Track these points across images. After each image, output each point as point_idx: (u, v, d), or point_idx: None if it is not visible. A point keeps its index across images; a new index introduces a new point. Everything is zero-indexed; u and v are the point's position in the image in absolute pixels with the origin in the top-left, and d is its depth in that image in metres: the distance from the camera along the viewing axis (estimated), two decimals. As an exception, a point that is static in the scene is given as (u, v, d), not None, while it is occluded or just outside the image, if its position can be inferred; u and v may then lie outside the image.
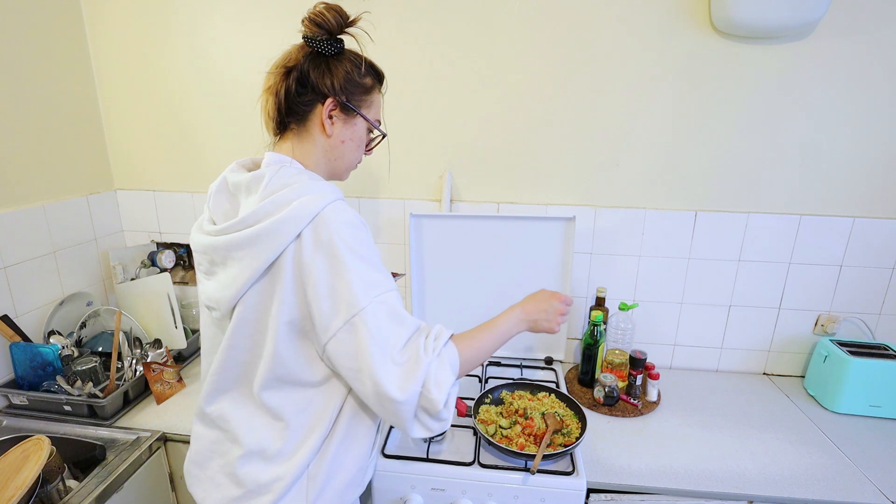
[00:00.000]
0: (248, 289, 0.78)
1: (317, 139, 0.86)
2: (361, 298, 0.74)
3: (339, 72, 0.84)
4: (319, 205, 0.75)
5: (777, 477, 1.09)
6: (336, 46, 0.85)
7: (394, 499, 1.09)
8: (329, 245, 0.74)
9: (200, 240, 0.83)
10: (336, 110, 0.85)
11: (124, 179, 1.64)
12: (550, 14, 1.33)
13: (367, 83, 0.88)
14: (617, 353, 1.38)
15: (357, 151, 0.92)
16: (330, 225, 0.75)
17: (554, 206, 1.48)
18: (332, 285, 0.74)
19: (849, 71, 1.29)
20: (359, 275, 0.75)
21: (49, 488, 1.00)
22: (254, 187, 0.79)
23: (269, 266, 0.76)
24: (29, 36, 1.34)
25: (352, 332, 0.74)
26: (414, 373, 0.75)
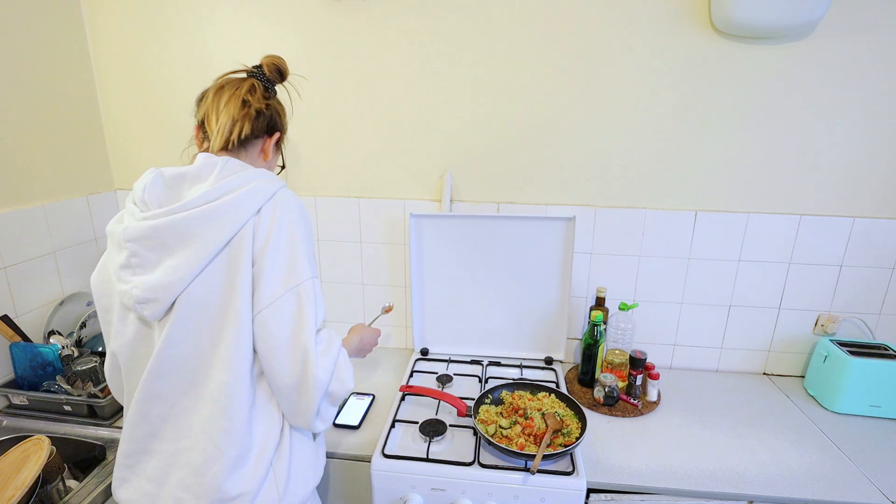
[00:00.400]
0: (203, 269, 0.79)
1: (253, 160, 0.95)
2: (307, 271, 0.82)
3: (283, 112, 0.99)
4: (275, 186, 0.85)
5: (777, 477, 1.09)
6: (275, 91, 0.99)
7: (394, 499, 1.09)
8: (288, 221, 0.83)
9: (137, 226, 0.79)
10: (278, 142, 0.99)
11: (124, 179, 1.64)
12: (551, 14, 1.33)
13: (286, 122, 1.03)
14: (617, 353, 1.38)
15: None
16: (286, 204, 0.84)
17: (554, 206, 1.48)
18: (286, 255, 0.82)
19: (849, 71, 1.29)
20: (306, 252, 0.84)
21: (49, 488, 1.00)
22: (204, 175, 0.83)
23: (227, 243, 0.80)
24: (29, 36, 1.34)
25: (294, 300, 0.80)
26: (329, 351, 0.84)
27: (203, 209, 0.79)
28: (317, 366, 0.80)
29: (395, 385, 1.41)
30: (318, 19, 1.40)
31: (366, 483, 1.10)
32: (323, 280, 1.63)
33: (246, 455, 0.83)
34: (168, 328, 0.80)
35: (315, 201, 1.56)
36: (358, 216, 1.55)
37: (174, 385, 0.83)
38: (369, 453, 1.12)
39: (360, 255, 1.59)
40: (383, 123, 1.47)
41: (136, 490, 0.87)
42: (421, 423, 1.19)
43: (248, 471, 0.83)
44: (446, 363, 1.52)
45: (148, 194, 0.83)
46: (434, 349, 1.59)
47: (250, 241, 0.80)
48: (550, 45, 1.35)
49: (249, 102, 0.91)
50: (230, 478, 0.81)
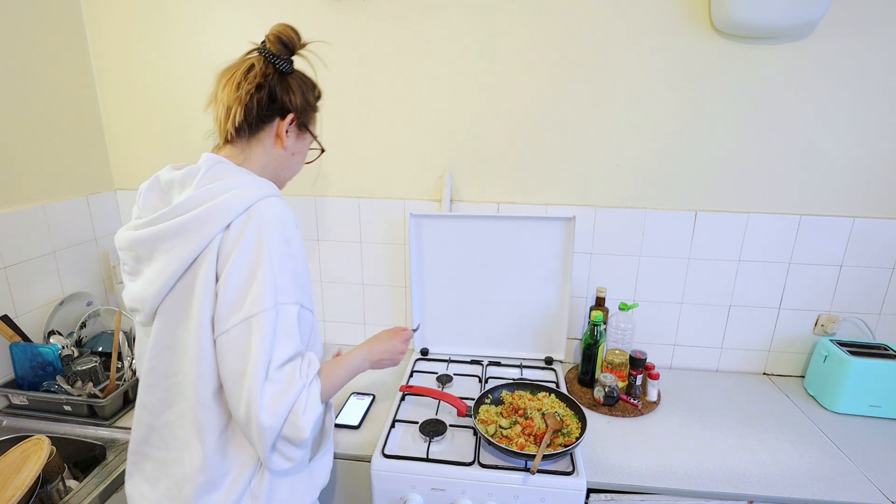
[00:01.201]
0: (175, 283, 0.76)
1: (268, 149, 0.88)
2: (267, 299, 0.72)
3: (299, 89, 0.88)
4: (254, 197, 0.76)
5: (777, 477, 1.09)
6: (291, 65, 0.89)
7: (394, 499, 1.09)
8: (255, 238, 0.73)
9: (125, 235, 0.80)
10: (293, 125, 0.89)
11: (124, 179, 1.64)
12: (551, 14, 1.33)
13: (314, 101, 0.94)
14: (617, 353, 1.38)
15: (300, 164, 0.97)
16: (261, 218, 0.74)
17: (554, 206, 1.48)
18: (244, 278, 0.73)
19: (849, 71, 1.28)
20: (273, 275, 0.73)
21: (49, 488, 1.00)
22: (188, 181, 0.78)
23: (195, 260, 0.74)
24: (29, 36, 1.34)
25: (246, 332, 0.72)
26: (286, 394, 0.73)
27: (171, 224, 0.75)
28: (260, 410, 0.71)
29: (395, 385, 1.41)
30: (317, 19, 1.40)
31: (366, 483, 1.10)
32: (323, 280, 1.63)
33: (219, 480, 0.79)
34: (153, 339, 0.79)
35: (315, 202, 1.56)
36: (358, 216, 1.55)
37: (159, 397, 0.83)
38: (369, 453, 1.12)
39: (360, 255, 1.59)
40: (383, 123, 1.47)
41: (136, 488, 0.88)
42: (421, 423, 1.19)
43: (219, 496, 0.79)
44: (446, 363, 1.52)
45: (143, 199, 0.84)
46: (434, 349, 1.58)
47: (213, 259, 0.73)
48: (551, 44, 1.35)
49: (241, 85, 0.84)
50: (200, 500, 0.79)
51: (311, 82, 0.93)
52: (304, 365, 0.77)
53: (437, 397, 1.26)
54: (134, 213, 0.86)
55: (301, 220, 1.56)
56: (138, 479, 0.88)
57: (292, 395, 0.73)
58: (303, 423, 0.73)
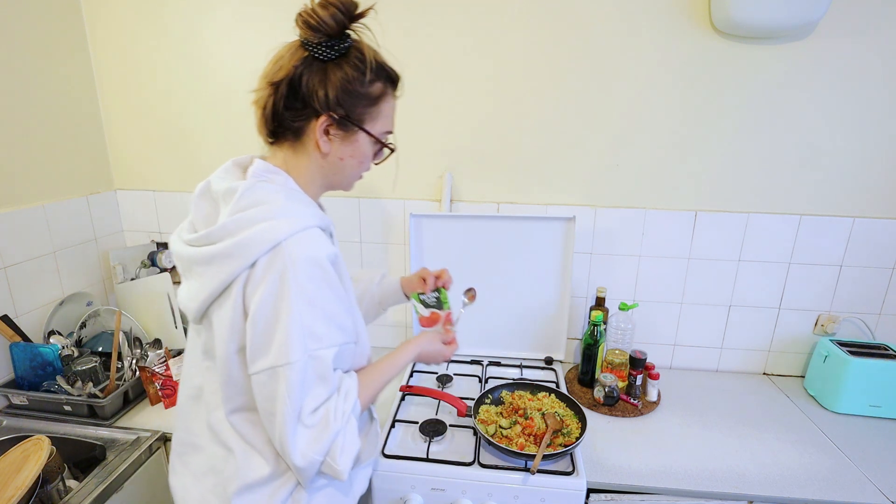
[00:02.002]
0: (208, 307, 0.74)
1: (311, 155, 0.78)
2: (294, 351, 0.68)
3: (337, 81, 0.73)
4: (284, 233, 0.69)
5: (777, 477, 1.09)
6: (337, 48, 0.73)
7: (394, 499, 1.09)
8: (280, 281, 0.68)
9: (175, 247, 0.79)
10: (333, 127, 0.76)
11: (124, 179, 1.64)
12: (550, 14, 1.33)
13: (374, 91, 0.77)
14: (617, 353, 1.38)
15: (359, 167, 0.83)
16: (287, 259, 0.68)
17: (554, 206, 1.48)
18: (269, 322, 0.69)
19: (849, 71, 1.28)
20: (300, 322, 0.69)
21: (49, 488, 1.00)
22: (228, 198, 0.73)
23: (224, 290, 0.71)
24: (29, 36, 1.34)
25: (273, 380, 0.69)
26: (320, 440, 0.72)
27: (203, 251, 0.72)
28: (294, 454, 0.70)
29: (395, 385, 1.41)
30: (318, 19, 1.40)
31: (366, 483, 1.10)
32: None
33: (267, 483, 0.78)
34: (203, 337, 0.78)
35: (315, 201, 1.56)
36: (358, 216, 1.55)
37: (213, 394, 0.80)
38: (369, 453, 1.12)
39: (360, 255, 1.59)
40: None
41: (179, 481, 0.87)
42: (421, 423, 1.19)
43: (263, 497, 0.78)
44: (446, 363, 1.52)
45: (195, 206, 0.79)
46: (434, 349, 1.58)
47: (240, 295, 0.70)
48: (551, 44, 1.35)
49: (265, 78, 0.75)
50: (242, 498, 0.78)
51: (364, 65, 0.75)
52: (339, 402, 0.75)
53: (437, 397, 1.26)
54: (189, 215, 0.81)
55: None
56: (182, 473, 0.87)
57: (327, 441, 0.72)
58: (340, 467, 0.73)
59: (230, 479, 0.78)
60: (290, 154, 0.80)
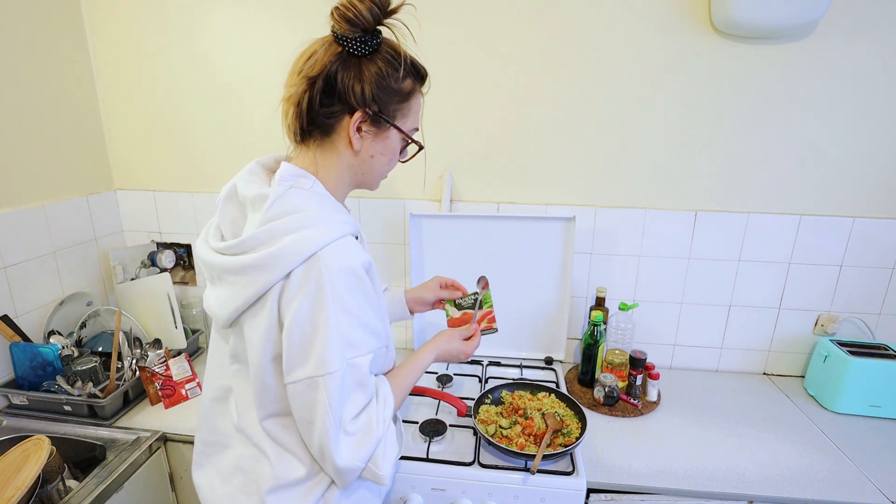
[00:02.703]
0: (240, 315, 0.73)
1: (342, 153, 0.77)
2: (333, 361, 0.68)
3: (373, 76, 0.73)
4: (319, 243, 0.68)
5: (777, 477, 1.09)
6: (371, 44, 0.72)
7: (394, 499, 1.09)
8: (317, 292, 0.67)
9: (201, 253, 0.78)
10: (366, 123, 0.75)
11: (124, 179, 1.64)
12: (550, 14, 1.33)
13: (406, 88, 0.78)
14: (617, 353, 1.38)
15: (389, 165, 0.83)
16: (324, 269, 0.67)
17: (554, 206, 1.48)
18: (307, 333, 0.68)
19: (849, 71, 1.28)
20: (338, 332, 0.69)
21: (49, 488, 1.00)
22: (258, 205, 0.72)
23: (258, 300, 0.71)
24: (29, 36, 1.34)
25: (313, 389, 0.69)
26: (364, 445, 0.73)
27: (235, 261, 0.70)
28: (337, 458, 0.71)
29: (395, 385, 1.41)
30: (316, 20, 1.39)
31: (366, 483, 1.10)
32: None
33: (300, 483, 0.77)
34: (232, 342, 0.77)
35: (315, 201, 1.55)
36: (358, 216, 1.55)
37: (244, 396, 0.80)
38: (369, 453, 1.12)
39: (360, 255, 1.59)
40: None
41: (206, 479, 0.86)
42: (421, 423, 1.19)
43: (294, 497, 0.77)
44: (446, 363, 1.52)
45: (221, 209, 0.78)
46: (434, 349, 1.58)
47: (276, 306, 0.69)
48: (550, 44, 1.35)
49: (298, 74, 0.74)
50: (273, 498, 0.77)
51: (398, 61, 0.75)
52: (380, 408, 0.76)
53: (437, 397, 1.26)
54: (214, 220, 0.80)
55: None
56: (210, 471, 0.86)
57: (370, 448, 0.73)
58: (382, 472, 0.74)
59: (264, 478, 0.78)
60: (319, 153, 0.79)
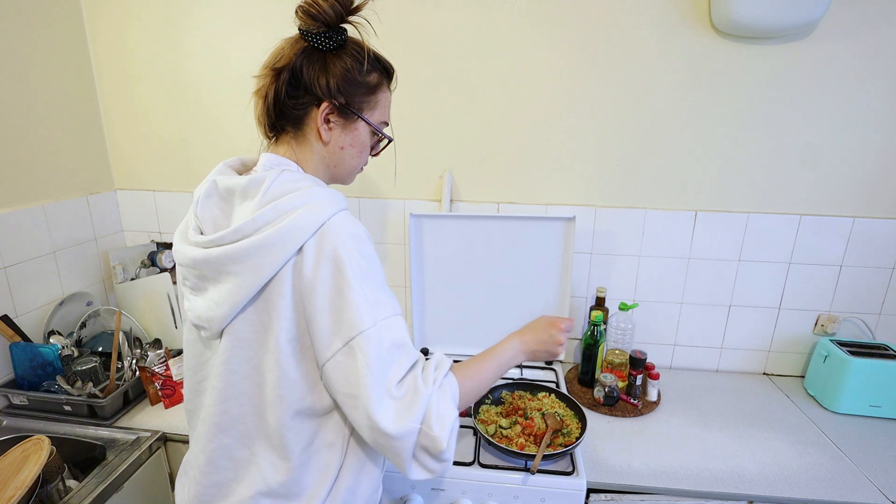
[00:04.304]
0: (243, 308, 0.71)
1: (314, 145, 0.80)
2: (365, 319, 0.68)
3: (338, 69, 0.76)
4: (325, 214, 0.70)
5: (777, 477, 1.09)
6: (336, 39, 0.76)
7: (394, 499, 1.09)
8: (334, 259, 0.68)
9: (187, 252, 0.75)
10: (334, 115, 0.78)
11: (124, 179, 1.64)
12: (551, 14, 1.33)
13: (372, 81, 0.80)
14: (617, 353, 1.38)
15: (359, 157, 0.85)
16: (336, 237, 0.69)
17: (554, 206, 1.48)
18: (334, 303, 0.68)
19: (848, 71, 1.29)
20: (363, 294, 0.68)
21: (49, 488, 1.00)
22: (251, 192, 0.72)
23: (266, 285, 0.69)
24: (29, 36, 1.34)
25: (350, 356, 0.68)
26: (412, 407, 0.69)
27: (238, 246, 0.69)
28: (386, 425, 0.67)
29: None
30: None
31: (366, 483, 1.10)
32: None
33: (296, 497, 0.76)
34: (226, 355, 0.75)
35: (315, 201, 1.55)
36: (358, 216, 1.55)
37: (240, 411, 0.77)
38: (369, 453, 1.12)
39: (360, 255, 1.59)
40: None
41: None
42: (421, 423, 1.19)
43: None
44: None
45: (201, 209, 0.76)
46: (434, 349, 1.58)
47: (290, 283, 0.69)
48: (550, 45, 1.35)
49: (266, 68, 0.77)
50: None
51: (363, 55, 0.77)
52: (427, 371, 0.74)
53: (437, 397, 1.26)
54: (190, 221, 0.79)
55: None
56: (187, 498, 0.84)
57: (420, 407, 0.69)
58: (436, 433, 0.69)
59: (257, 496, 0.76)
60: (295, 145, 0.81)
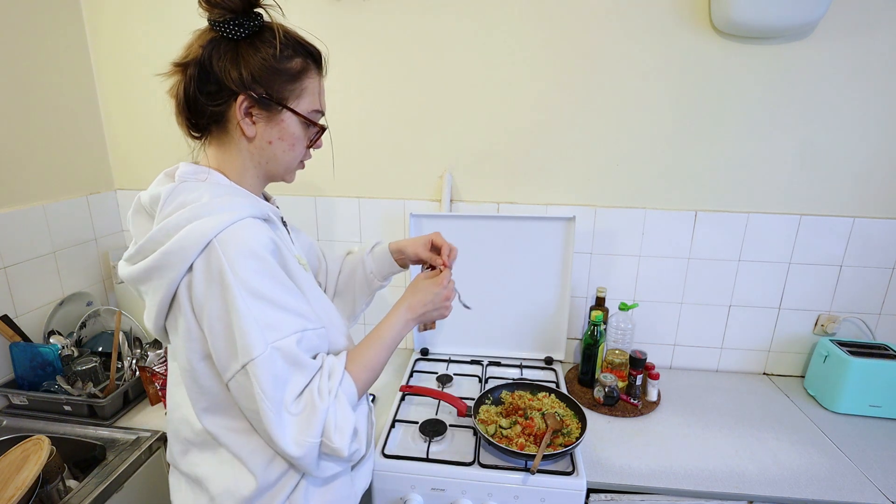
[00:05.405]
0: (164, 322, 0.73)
1: (238, 142, 0.76)
2: (256, 346, 0.66)
3: (253, 59, 0.71)
4: (213, 229, 0.66)
5: (777, 477, 1.09)
6: (247, 26, 0.71)
7: (394, 499, 1.09)
8: (220, 281, 0.66)
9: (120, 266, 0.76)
10: (255, 107, 0.73)
11: (124, 179, 1.64)
12: (551, 14, 1.33)
13: (294, 67, 0.74)
14: (617, 353, 1.38)
15: (292, 151, 0.79)
16: (222, 256, 0.66)
17: (554, 206, 1.48)
18: (226, 327, 0.67)
19: (849, 71, 1.28)
20: (252, 318, 0.66)
21: (49, 488, 1.00)
22: (154, 208, 0.71)
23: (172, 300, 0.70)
24: (29, 36, 1.34)
25: (246, 378, 0.67)
26: (311, 421, 0.69)
27: (139, 267, 0.70)
28: (287, 445, 0.68)
29: (395, 385, 1.41)
30: (316, 19, 1.40)
31: (366, 483, 1.10)
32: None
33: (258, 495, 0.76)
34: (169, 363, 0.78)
35: (315, 201, 1.56)
36: (358, 216, 1.55)
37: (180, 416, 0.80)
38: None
39: (360, 255, 1.59)
40: (383, 123, 1.47)
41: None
42: (421, 423, 1.19)
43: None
44: (446, 363, 1.52)
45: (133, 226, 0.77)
46: (434, 349, 1.58)
47: (188, 303, 0.69)
48: (550, 45, 1.35)
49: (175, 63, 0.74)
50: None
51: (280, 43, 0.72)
52: (323, 381, 0.73)
53: (437, 397, 1.26)
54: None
55: (301, 219, 1.56)
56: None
57: (318, 422, 0.70)
58: (336, 444, 0.71)
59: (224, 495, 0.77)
60: (218, 147, 0.78)
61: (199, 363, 0.72)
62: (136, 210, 0.77)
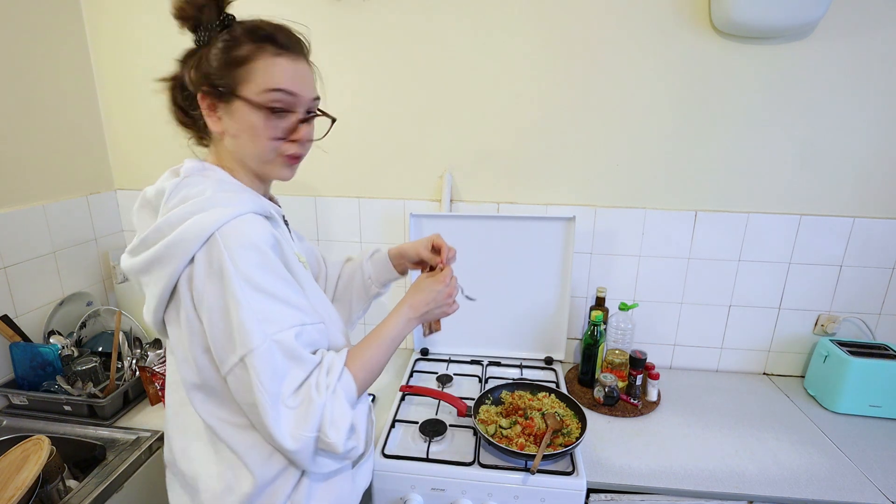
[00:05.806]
0: (163, 314, 0.74)
1: (219, 141, 0.80)
2: (253, 338, 0.67)
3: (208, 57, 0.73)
4: (216, 223, 0.68)
5: (777, 477, 1.09)
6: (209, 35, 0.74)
7: (394, 499, 1.09)
8: (220, 273, 0.67)
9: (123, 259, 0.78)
10: (213, 102, 0.75)
11: (124, 179, 1.64)
12: (550, 14, 1.33)
13: (243, 52, 0.73)
14: (617, 353, 1.38)
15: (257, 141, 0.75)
16: (223, 249, 0.67)
17: (554, 206, 1.48)
18: (225, 319, 0.68)
19: (849, 71, 1.28)
20: (252, 310, 0.67)
21: (49, 488, 1.00)
22: (159, 202, 0.74)
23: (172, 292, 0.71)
24: (29, 36, 1.34)
25: (244, 371, 0.68)
26: (308, 416, 0.70)
27: (142, 258, 0.71)
28: (283, 439, 0.69)
29: (395, 385, 1.41)
30: (316, 19, 1.40)
31: (366, 483, 1.10)
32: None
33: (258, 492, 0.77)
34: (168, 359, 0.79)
35: (315, 201, 1.56)
36: (358, 216, 1.55)
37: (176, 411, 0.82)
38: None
39: (360, 255, 1.59)
40: (383, 123, 1.47)
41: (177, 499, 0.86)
42: (421, 423, 1.19)
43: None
44: (446, 363, 1.52)
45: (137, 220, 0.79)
46: (434, 349, 1.58)
47: (188, 294, 0.70)
48: (550, 45, 1.35)
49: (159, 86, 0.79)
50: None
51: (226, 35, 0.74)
52: (321, 376, 0.73)
53: (437, 397, 1.26)
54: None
55: (301, 220, 1.56)
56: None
57: (314, 417, 0.70)
58: (332, 439, 0.71)
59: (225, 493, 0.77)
60: (213, 148, 0.82)
61: (201, 356, 0.73)
62: (141, 205, 0.79)
